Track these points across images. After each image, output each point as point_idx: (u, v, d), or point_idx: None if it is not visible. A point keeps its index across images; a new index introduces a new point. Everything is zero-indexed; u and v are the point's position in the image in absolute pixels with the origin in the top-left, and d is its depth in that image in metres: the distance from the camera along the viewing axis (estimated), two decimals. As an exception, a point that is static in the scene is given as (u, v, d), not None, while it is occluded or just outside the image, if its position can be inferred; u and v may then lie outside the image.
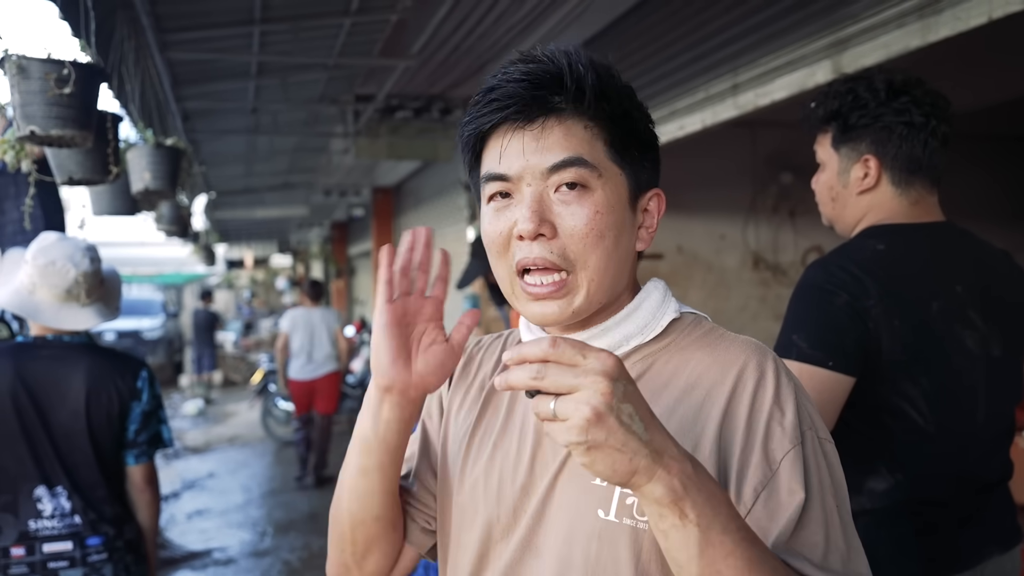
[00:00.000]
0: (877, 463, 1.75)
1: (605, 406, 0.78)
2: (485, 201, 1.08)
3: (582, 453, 0.80)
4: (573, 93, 1.02)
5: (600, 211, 1.02)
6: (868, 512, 1.75)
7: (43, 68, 2.42)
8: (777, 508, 0.94)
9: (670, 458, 0.82)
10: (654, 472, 0.81)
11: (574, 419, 0.78)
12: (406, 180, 11.57)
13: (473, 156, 1.10)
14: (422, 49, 5.17)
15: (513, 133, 1.03)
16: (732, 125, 3.88)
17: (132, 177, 3.60)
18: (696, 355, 1.06)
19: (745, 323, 5.90)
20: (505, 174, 1.03)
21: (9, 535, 2.47)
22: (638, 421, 0.81)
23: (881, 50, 2.81)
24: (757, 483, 0.96)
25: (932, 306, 1.75)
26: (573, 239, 1.01)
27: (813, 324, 1.71)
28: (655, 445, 0.81)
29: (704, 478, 0.85)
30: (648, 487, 0.82)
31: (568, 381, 0.79)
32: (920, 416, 1.73)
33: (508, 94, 1.02)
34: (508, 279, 1.07)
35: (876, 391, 1.72)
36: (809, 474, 0.96)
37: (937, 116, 1.81)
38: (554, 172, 1.01)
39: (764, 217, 6.18)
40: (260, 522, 7.05)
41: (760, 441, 0.97)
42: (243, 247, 22.72)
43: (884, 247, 1.78)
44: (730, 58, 3.62)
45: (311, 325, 8.17)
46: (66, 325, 2.59)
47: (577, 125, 1.02)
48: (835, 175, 1.91)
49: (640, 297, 1.10)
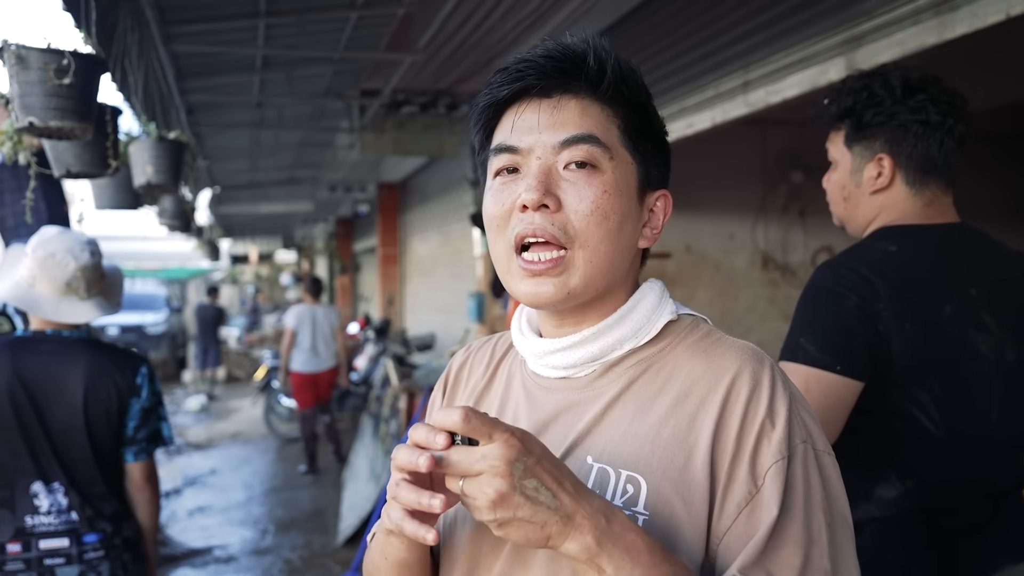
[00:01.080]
0: (887, 470, 1.72)
1: (508, 487, 0.83)
2: (491, 176, 1.06)
3: (495, 528, 0.85)
4: (595, 73, 1.01)
5: (608, 191, 1.01)
6: (877, 520, 1.72)
7: (42, 58, 2.39)
8: (756, 526, 0.92)
9: (582, 517, 0.86)
10: (567, 534, 0.85)
11: (479, 500, 0.83)
12: (412, 176, 11.57)
13: (485, 134, 1.08)
14: (428, 43, 5.15)
15: (528, 104, 1.02)
16: (742, 123, 3.85)
17: (134, 171, 3.57)
18: (691, 361, 1.03)
19: (753, 324, 5.88)
20: (516, 146, 1.02)
21: (5, 531, 2.45)
22: (544, 491, 0.85)
23: (896, 47, 2.77)
24: (740, 499, 0.93)
25: (945, 309, 1.71)
26: (577, 215, 1.00)
27: (821, 327, 1.68)
28: (565, 510, 0.85)
29: (621, 530, 0.87)
30: (564, 547, 0.86)
31: (470, 467, 0.84)
32: (931, 422, 1.69)
33: (528, 66, 1.01)
34: (505, 256, 1.04)
35: (886, 396, 1.69)
36: (793, 490, 0.93)
37: (954, 115, 1.77)
38: (565, 147, 1.00)
39: (774, 216, 6.15)
40: (262, 520, 7.04)
41: (748, 455, 0.94)
42: (247, 242, 22.74)
43: (896, 248, 1.74)
44: (741, 55, 3.58)
45: (315, 321, 8.43)
46: (66, 318, 2.56)
47: (594, 105, 1.02)
48: (847, 174, 1.87)
49: (636, 298, 1.07)
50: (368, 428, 7.67)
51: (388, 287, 13.21)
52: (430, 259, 10.99)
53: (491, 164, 1.06)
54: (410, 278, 12.54)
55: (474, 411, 0.84)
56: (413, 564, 1.07)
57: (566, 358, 1.06)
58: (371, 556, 1.14)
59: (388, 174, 11.57)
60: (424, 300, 11.43)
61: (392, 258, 13.18)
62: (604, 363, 1.06)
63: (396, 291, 13.18)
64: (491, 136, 1.07)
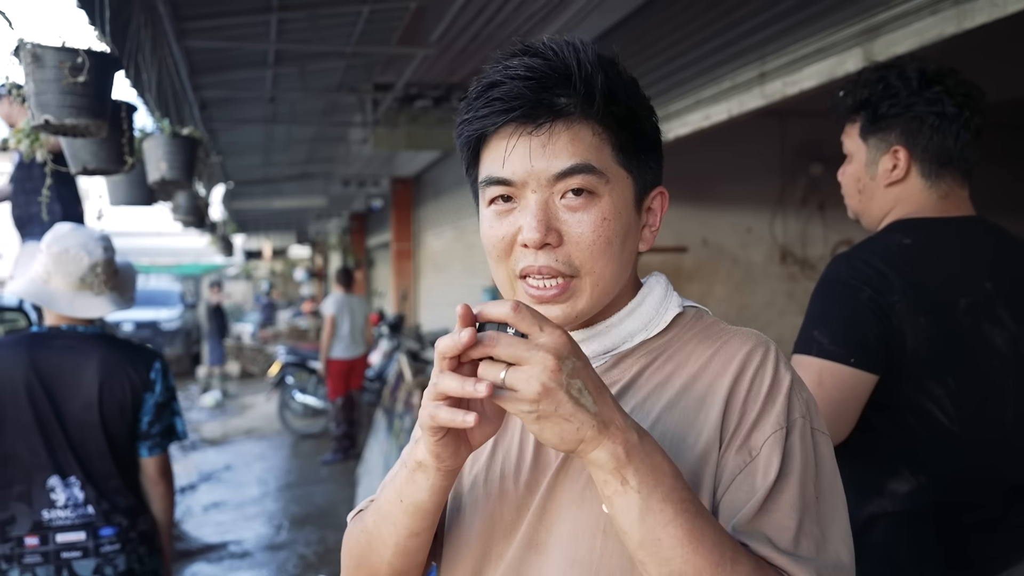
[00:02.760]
0: (900, 464, 1.71)
1: (554, 382, 0.83)
2: (485, 204, 1.06)
3: (532, 421, 0.85)
4: (583, 95, 0.99)
5: (607, 217, 1.01)
6: (889, 514, 1.72)
7: (57, 56, 2.41)
8: (750, 491, 0.96)
9: (616, 428, 0.87)
10: (600, 441, 0.86)
11: (524, 391, 0.82)
12: (425, 170, 11.55)
13: (472, 155, 1.07)
14: (441, 37, 5.13)
15: (518, 137, 1.00)
16: (760, 115, 3.82)
17: (148, 167, 3.58)
18: (698, 348, 1.06)
19: (771, 319, 5.84)
20: (509, 179, 1.01)
21: (23, 524, 2.48)
22: (587, 395, 0.85)
23: (914, 37, 2.74)
24: (735, 467, 0.97)
25: (959, 303, 1.71)
26: (580, 247, 1.00)
27: (835, 320, 1.68)
28: (603, 416, 0.86)
29: (650, 449, 0.89)
30: (593, 454, 0.87)
31: (519, 353, 0.83)
32: (945, 416, 1.68)
33: (512, 94, 0.98)
34: (508, 282, 1.05)
35: (900, 389, 1.69)
36: (790, 459, 0.97)
37: (971, 107, 1.76)
38: (561, 179, 0.99)
39: (793, 210, 6.09)
40: (276, 515, 7.06)
41: (748, 427, 0.99)
42: (261, 238, 22.82)
43: (911, 241, 1.74)
44: (757, 45, 3.56)
45: (352, 309, 9.03)
46: (80, 313, 2.59)
47: (585, 130, 1.00)
48: (863, 166, 1.87)
49: (643, 293, 1.10)
50: (382, 424, 7.67)
51: (402, 282, 13.21)
52: (444, 254, 10.98)
53: (483, 192, 1.05)
54: (424, 273, 12.54)
55: (525, 304, 0.85)
56: (427, 512, 1.03)
57: None
58: (377, 509, 1.10)
59: (402, 168, 11.57)
60: (438, 295, 11.43)
61: (406, 253, 13.17)
62: (616, 355, 1.08)
63: (410, 286, 13.18)
64: (478, 157, 1.06)
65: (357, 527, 1.15)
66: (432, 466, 0.96)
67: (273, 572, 5.75)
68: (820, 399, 1.60)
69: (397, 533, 1.05)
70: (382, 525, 1.07)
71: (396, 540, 1.06)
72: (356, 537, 1.14)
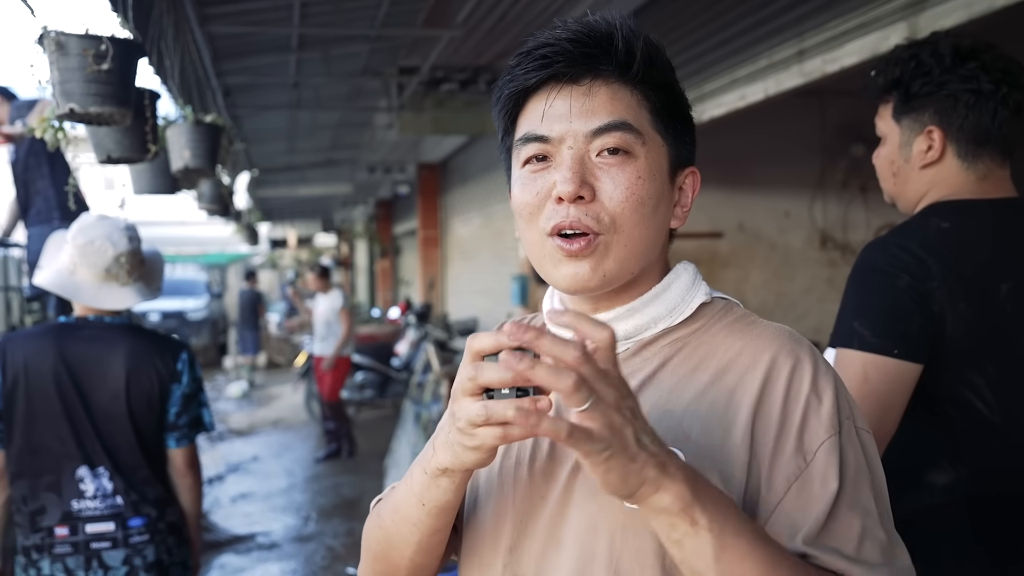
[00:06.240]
0: (938, 456, 1.68)
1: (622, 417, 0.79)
2: (519, 165, 1.06)
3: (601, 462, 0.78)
4: (623, 56, 1.01)
5: (642, 177, 1.01)
6: (927, 508, 1.67)
7: (81, 44, 2.44)
8: (809, 500, 0.94)
9: (675, 468, 0.83)
10: (661, 482, 0.82)
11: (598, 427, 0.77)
12: (452, 156, 11.49)
13: (509, 119, 1.08)
14: (467, 18, 5.07)
15: (558, 92, 1.01)
16: (798, 94, 3.74)
17: (172, 155, 3.57)
18: (727, 340, 1.04)
19: (811, 306, 5.75)
20: (546, 135, 1.01)
21: (53, 515, 2.51)
22: (645, 436, 0.81)
23: (963, 9, 2.65)
24: (790, 473, 0.95)
25: (1001, 288, 1.65)
26: (612, 203, 1.00)
27: (875, 310, 1.64)
28: (661, 458, 0.82)
29: (708, 485, 0.86)
30: (655, 497, 0.82)
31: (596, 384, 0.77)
32: (985, 406, 1.64)
33: (556, 51, 1.00)
34: (539, 241, 1.04)
35: (938, 379, 1.64)
36: (846, 464, 0.95)
37: (1009, 83, 1.68)
38: (598, 136, 1.00)
39: (833, 193, 5.98)
40: (304, 507, 7.08)
41: (796, 430, 0.96)
42: (286, 226, 22.87)
43: (948, 225, 1.68)
44: (795, 22, 3.48)
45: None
46: (106, 304, 2.61)
47: (624, 90, 1.02)
48: (896, 148, 1.80)
49: (670, 278, 1.09)
50: (410, 415, 7.65)
51: (429, 270, 13.17)
52: (472, 241, 10.92)
53: (519, 152, 1.05)
54: (451, 261, 12.50)
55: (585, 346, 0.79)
56: (452, 509, 1.02)
57: None
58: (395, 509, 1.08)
59: (428, 154, 11.52)
60: (466, 283, 11.39)
61: (433, 240, 13.13)
62: (638, 341, 1.07)
63: (437, 274, 13.15)
64: (515, 122, 1.07)
65: (374, 522, 1.14)
66: (459, 471, 0.96)
67: (301, 564, 5.75)
68: (866, 394, 1.57)
69: (420, 532, 1.05)
70: (402, 526, 1.07)
71: (419, 539, 1.06)
72: (374, 533, 1.14)
